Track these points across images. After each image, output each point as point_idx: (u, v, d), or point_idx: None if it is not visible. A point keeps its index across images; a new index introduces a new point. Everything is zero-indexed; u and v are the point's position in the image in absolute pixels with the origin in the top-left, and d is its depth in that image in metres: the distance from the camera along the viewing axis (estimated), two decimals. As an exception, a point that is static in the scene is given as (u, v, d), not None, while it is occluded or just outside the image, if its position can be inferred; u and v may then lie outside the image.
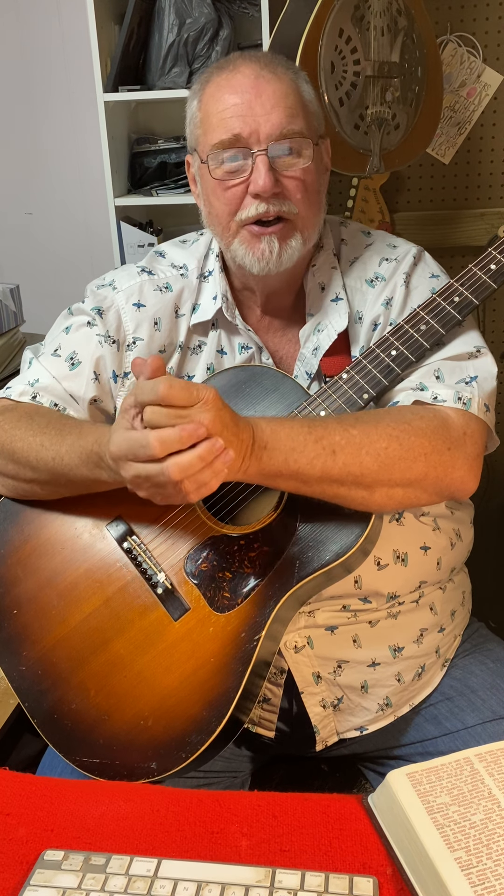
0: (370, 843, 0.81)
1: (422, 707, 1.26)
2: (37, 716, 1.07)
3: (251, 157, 1.12)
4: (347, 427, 1.02)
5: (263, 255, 1.15)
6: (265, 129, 1.11)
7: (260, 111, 1.11)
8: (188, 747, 0.99)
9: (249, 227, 1.15)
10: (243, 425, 0.97)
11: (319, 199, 1.19)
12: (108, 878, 0.77)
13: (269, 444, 0.98)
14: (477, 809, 0.78)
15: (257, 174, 1.11)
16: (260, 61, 1.14)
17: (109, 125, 2.02)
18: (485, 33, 1.88)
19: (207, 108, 1.15)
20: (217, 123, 1.13)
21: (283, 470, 1.00)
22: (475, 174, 1.99)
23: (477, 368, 1.13)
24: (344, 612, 1.18)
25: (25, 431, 1.12)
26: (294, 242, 1.16)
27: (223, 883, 0.76)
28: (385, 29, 1.49)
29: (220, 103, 1.13)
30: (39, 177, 2.57)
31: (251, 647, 1.02)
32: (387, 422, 1.04)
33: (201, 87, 1.17)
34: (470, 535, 1.32)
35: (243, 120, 1.11)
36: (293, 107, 1.12)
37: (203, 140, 1.16)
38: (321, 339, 1.21)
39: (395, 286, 1.21)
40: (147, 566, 1.10)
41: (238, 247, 1.17)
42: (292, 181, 1.13)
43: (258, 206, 1.13)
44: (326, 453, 1.00)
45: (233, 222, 1.16)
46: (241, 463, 0.97)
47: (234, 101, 1.12)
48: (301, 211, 1.15)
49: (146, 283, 1.26)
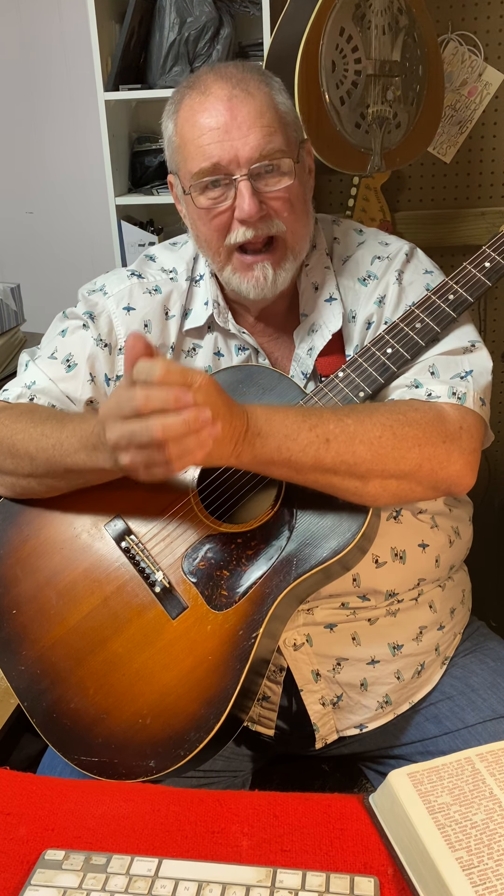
0: (371, 843, 0.80)
1: (422, 706, 1.26)
2: (36, 715, 1.07)
3: (233, 183, 1.11)
4: (342, 416, 1.02)
5: (258, 282, 1.15)
6: (244, 152, 1.09)
7: (237, 135, 1.09)
8: (187, 745, 0.99)
9: (241, 257, 1.15)
10: (237, 411, 0.97)
11: (306, 209, 1.18)
12: (109, 877, 0.77)
13: (262, 430, 0.99)
14: (478, 809, 0.78)
15: (241, 200, 1.10)
16: (231, 80, 1.11)
17: (110, 124, 2.02)
18: (486, 32, 1.88)
19: (183, 134, 1.13)
20: (195, 151, 1.11)
21: (276, 457, 1.00)
22: (476, 173, 1.99)
23: (472, 363, 1.13)
24: (343, 609, 1.18)
25: (26, 424, 1.12)
26: (287, 265, 1.16)
27: (224, 883, 0.76)
28: (386, 27, 1.49)
29: (195, 129, 1.11)
30: (40, 176, 2.57)
31: (249, 644, 1.02)
32: (381, 412, 1.04)
33: (175, 108, 1.15)
34: (469, 533, 1.32)
35: (221, 146, 1.09)
36: (270, 125, 1.10)
37: (183, 167, 1.15)
38: (315, 340, 1.21)
39: (387, 284, 1.21)
40: (145, 565, 1.10)
41: (231, 275, 1.17)
42: (277, 201, 1.12)
43: (245, 232, 1.12)
44: (320, 441, 1.00)
45: (222, 248, 1.15)
46: (234, 448, 0.97)
47: (209, 125, 1.10)
48: (289, 227, 1.14)
49: (135, 286, 1.26)
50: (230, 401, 0.96)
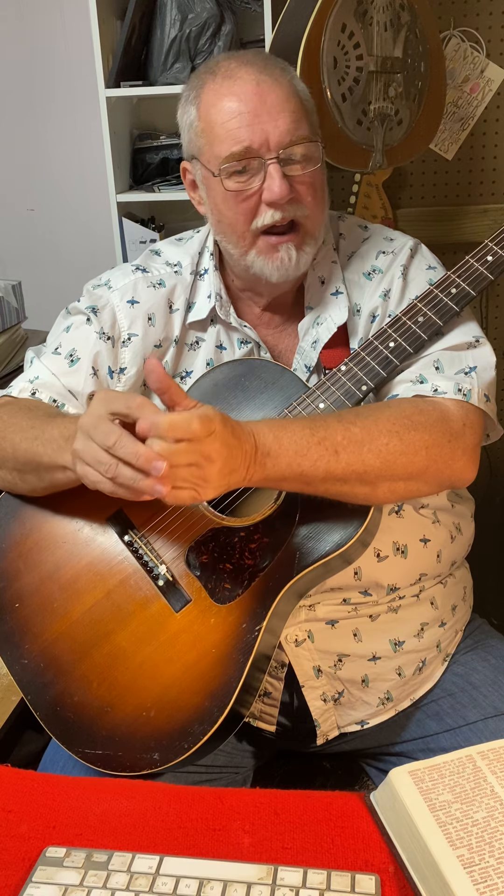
0: (372, 841, 0.81)
1: (423, 703, 1.26)
2: (40, 708, 1.07)
3: (262, 167, 1.12)
4: (348, 425, 1.02)
5: (283, 263, 1.16)
6: (274, 136, 1.11)
7: (267, 119, 1.10)
8: (190, 738, 1.00)
9: (266, 238, 1.15)
10: (245, 436, 0.96)
11: (325, 195, 1.20)
12: (110, 874, 0.77)
13: (272, 451, 0.98)
14: (479, 807, 0.78)
15: (271, 182, 1.11)
16: (256, 65, 1.13)
17: (111, 121, 2.02)
18: (488, 28, 1.87)
19: (210, 118, 1.14)
20: (224, 135, 1.12)
21: (287, 474, 1.00)
22: (478, 170, 1.98)
23: (476, 358, 1.13)
24: (344, 605, 1.18)
25: (22, 419, 1.13)
26: (308, 248, 1.17)
27: (225, 880, 0.76)
28: (388, 24, 1.49)
29: (224, 113, 1.12)
30: (41, 173, 2.57)
31: (252, 637, 1.02)
32: (387, 417, 1.04)
33: (196, 93, 1.16)
34: (471, 530, 1.32)
35: (251, 129, 1.10)
36: (297, 111, 1.12)
37: (209, 151, 1.15)
38: (320, 332, 1.21)
39: (392, 278, 1.22)
40: (148, 559, 1.10)
41: (256, 258, 1.17)
42: (304, 185, 1.14)
43: (273, 214, 1.13)
44: (329, 454, 1.00)
45: (248, 232, 1.16)
46: (246, 472, 0.97)
47: (238, 109, 1.11)
48: (311, 212, 1.16)
49: (140, 280, 1.26)
50: (236, 428, 0.95)
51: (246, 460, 0.96)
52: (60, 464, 1.05)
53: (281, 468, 0.99)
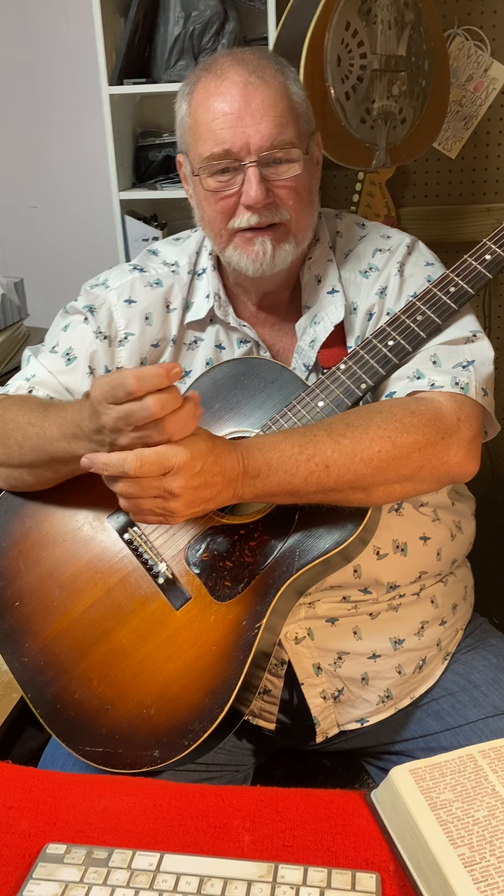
0: (373, 839, 0.81)
1: (423, 701, 1.26)
2: (40, 706, 1.07)
3: (242, 169, 1.12)
4: (338, 438, 1.01)
5: (258, 256, 1.15)
6: (255, 140, 1.10)
7: (249, 122, 1.10)
8: (191, 735, 1.00)
9: (242, 234, 1.16)
10: (231, 462, 0.95)
11: (312, 199, 1.19)
12: (111, 871, 0.77)
13: (261, 471, 0.98)
14: (480, 806, 0.78)
15: (248, 186, 1.11)
16: (248, 65, 1.12)
17: (114, 118, 2.01)
18: (492, 27, 1.87)
19: (196, 116, 1.14)
20: (207, 134, 1.12)
21: (278, 491, 1.00)
22: (482, 169, 1.98)
23: (473, 353, 1.13)
24: (344, 603, 1.18)
25: (17, 413, 1.13)
26: (287, 246, 1.17)
27: (225, 878, 0.76)
28: (392, 22, 1.49)
29: (209, 112, 1.12)
30: (44, 170, 2.57)
31: (252, 634, 1.02)
32: (377, 422, 1.02)
33: (190, 88, 1.16)
34: (471, 529, 1.32)
35: (233, 132, 1.10)
36: (283, 115, 1.11)
37: (193, 149, 1.15)
38: (318, 331, 1.21)
39: (388, 275, 1.22)
40: (148, 556, 1.10)
41: (233, 252, 1.17)
42: (284, 190, 1.13)
43: (250, 218, 1.13)
44: (320, 469, 0.99)
45: (225, 230, 1.16)
46: (234, 492, 0.97)
47: (223, 110, 1.11)
48: (293, 216, 1.15)
49: (137, 279, 1.26)
50: (220, 456, 0.94)
51: (230, 486, 0.96)
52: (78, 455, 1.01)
53: (271, 486, 0.99)
